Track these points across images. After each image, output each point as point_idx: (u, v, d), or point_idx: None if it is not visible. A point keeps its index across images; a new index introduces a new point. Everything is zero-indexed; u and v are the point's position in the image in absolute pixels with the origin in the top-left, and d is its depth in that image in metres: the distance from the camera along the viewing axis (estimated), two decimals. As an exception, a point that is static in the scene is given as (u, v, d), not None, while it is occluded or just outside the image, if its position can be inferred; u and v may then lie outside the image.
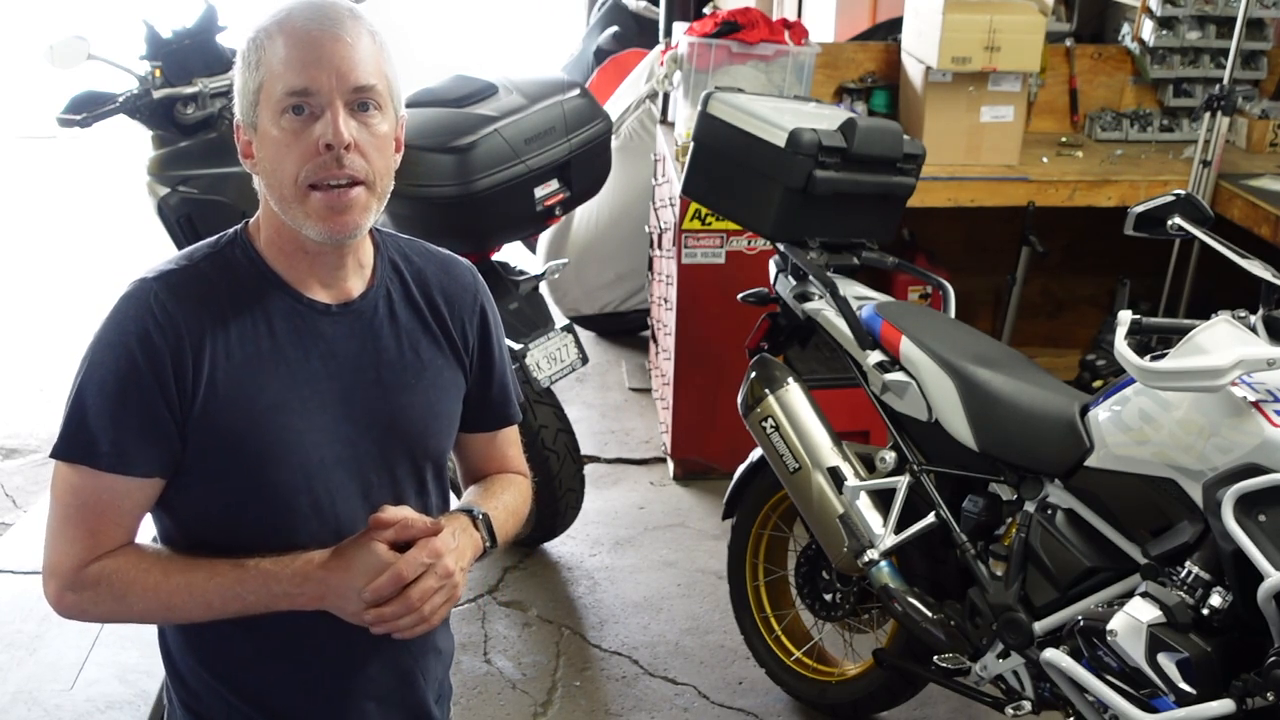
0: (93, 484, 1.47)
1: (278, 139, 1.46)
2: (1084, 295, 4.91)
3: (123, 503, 1.49)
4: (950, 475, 2.62)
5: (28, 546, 3.82)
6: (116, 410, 1.45)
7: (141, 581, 1.49)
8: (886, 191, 2.94)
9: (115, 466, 1.46)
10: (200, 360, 1.46)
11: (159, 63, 3.60)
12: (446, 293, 1.66)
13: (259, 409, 1.49)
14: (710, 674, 3.33)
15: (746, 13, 4.20)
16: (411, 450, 1.63)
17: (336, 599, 1.49)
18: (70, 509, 1.49)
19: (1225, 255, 2.37)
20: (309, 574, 1.48)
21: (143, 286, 1.49)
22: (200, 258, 1.53)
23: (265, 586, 1.48)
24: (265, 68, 1.46)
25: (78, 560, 1.49)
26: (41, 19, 9.59)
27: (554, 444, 3.50)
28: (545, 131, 3.40)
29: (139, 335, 1.45)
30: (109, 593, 1.49)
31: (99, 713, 3.05)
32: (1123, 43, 4.74)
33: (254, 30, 1.50)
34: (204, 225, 3.62)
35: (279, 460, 1.51)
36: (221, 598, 1.48)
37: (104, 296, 1.53)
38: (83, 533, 1.49)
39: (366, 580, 1.46)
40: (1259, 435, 2.05)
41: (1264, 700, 2.01)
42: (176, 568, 1.50)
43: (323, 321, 1.54)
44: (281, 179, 1.47)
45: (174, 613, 1.52)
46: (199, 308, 1.48)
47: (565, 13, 9.09)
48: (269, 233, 1.54)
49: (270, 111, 1.46)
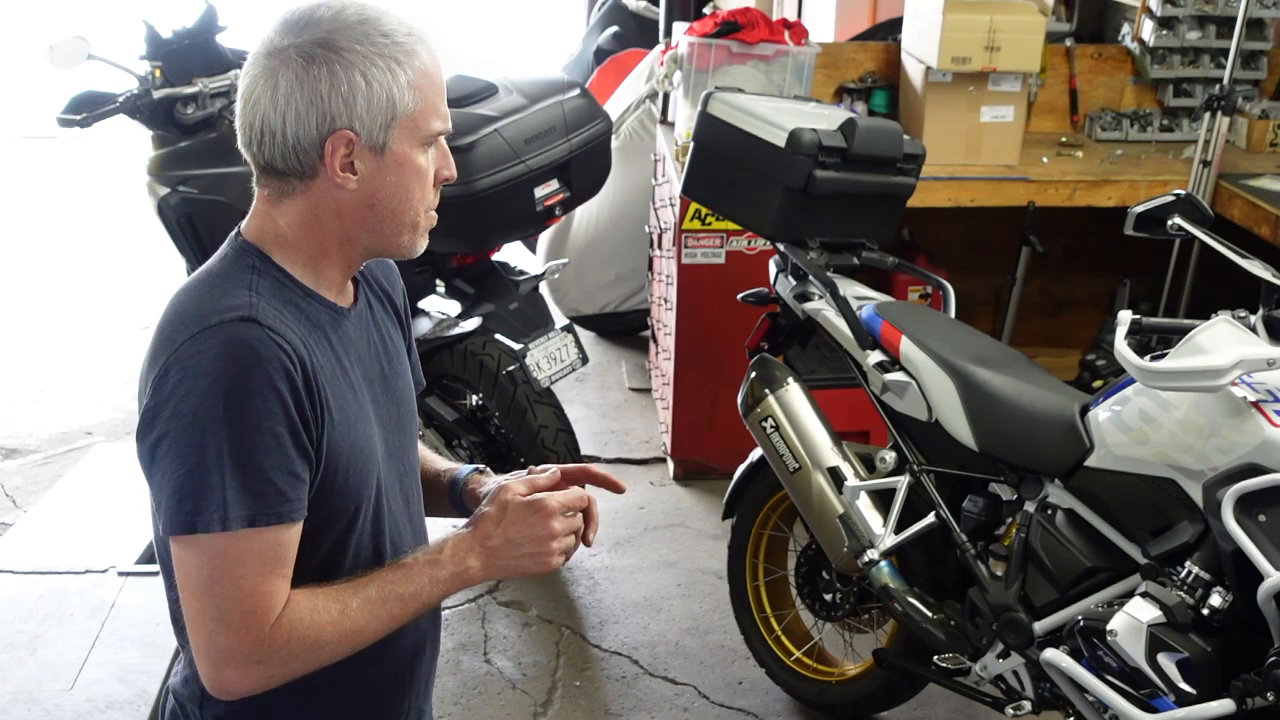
0: (258, 544, 1.39)
1: (421, 168, 1.48)
2: (1084, 295, 4.91)
3: (287, 553, 1.42)
4: (950, 475, 2.62)
5: (28, 546, 3.82)
6: (275, 457, 1.38)
7: (326, 621, 1.43)
8: (886, 191, 2.95)
9: (286, 515, 1.40)
10: (321, 385, 1.44)
11: (159, 63, 3.60)
12: (384, 273, 1.69)
13: (350, 423, 1.48)
14: (710, 674, 3.33)
15: (746, 13, 4.20)
16: (413, 430, 1.67)
17: (506, 558, 1.53)
18: (240, 580, 1.39)
19: (1225, 255, 2.37)
20: (462, 551, 1.50)
21: (250, 325, 1.39)
22: (256, 286, 1.45)
23: (429, 573, 1.49)
24: (421, 94, 1.44)
25: (258, 632, 1.40)
26: (41, 19, 9.59)
27: (554, 444, 3.49)
28: (545, 131, 3.40)
29: (280, 370, 1.38)
30: (302, 646, 1.42)
31: (99, 713, 3.05)
32: (1123, 43, 4.75)
33: (393, 48, 1.43)
34: (204, 225, 3.62)
35: (371, 470, 1.52)
36: (401, 603, 1.47)
37: (103, 297, 1.51)
38: (260, 600, 1.40)
39: (517, 529, 1.51)
40: (1259, 435, 2.05)
41: (1264, 700, 2.02)
42: (348, 594, 1.45)
43: (347, 325, 1.54)
44: (413, 204, 1.49)
45: (362, 636, 1.47)
46: (293, 334, 1.43)
47: (565, 13, 9.09)
48: (320, 248, 1.49)
49: (417, 140, 1.46)
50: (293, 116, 1.41)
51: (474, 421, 3.64)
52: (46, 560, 3.72)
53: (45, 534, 3.90)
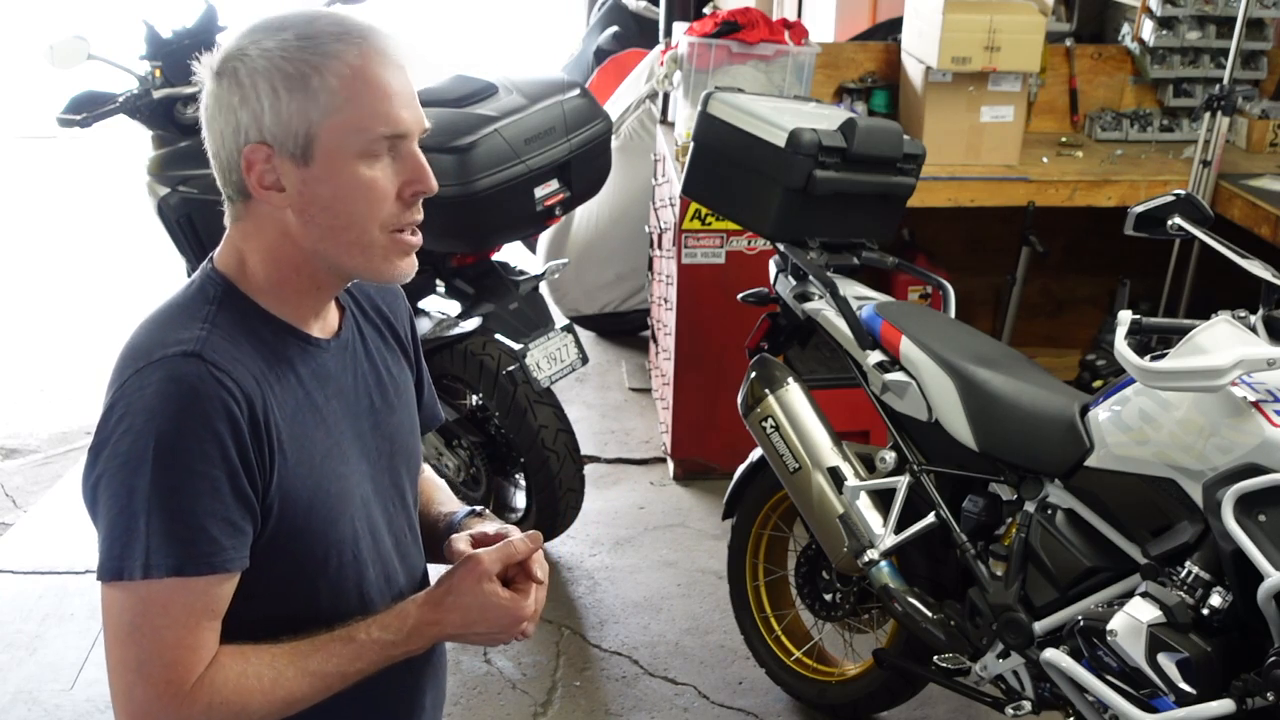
0: (184, 594, 1.31)
1: (365, 181, 1.34)
2: (1084, 295, 4.91)
3: (216, 605, 1.34)
4: (950, 475, 2.62)
5: (28, 546, 3.83)
6: (207, 503, 1.30)
7: (257, 687, 1.35)
8: (886, 191, 2.94)
9: (218, 565, 1.31)
10: (270, 425, 1.35)
11: (159, 63, 3.61)
12: (387, 302, 1.60)
13: (316, 464, 1.41)
14: (710, 674, 3.33)
15: (746, 13, 4.20)
16: (409, 468, 1.59)
17: (457, 639, 1.49)
18: (162, 631, 1.31)
19: (1225, 255, 2.37)
20: (423, 630, 1.45)
21: (192, 360, 1.31)
22: (211, 316, 1.37)
23: (382, 653, 1.43)
24: (344, 98, 1.32)
25: (177, 689, 1.32)
26: (41, 19, 9.59)
27: (554, 444, 3.50)
28: (545, 131, 3.40)
29: (220, 411, 1.30)
30: (225, 710, 1.33)
31: (99, 713, 3.05)
32: (1123, 43, 4.75)
33: (303, 51, 1.32)
34: (204, 225, 3.62)
35: (343, 512, 1.44)
36: (342, 676, 1.40)
37: (103, 297, 1.50)
38: (182, 653, 1.31)
39: (485, 621, 1.45)
40: (1259, 435, 2.05)
41: (1264, 700, 2.01)
42: (286, 659, 1.37)
43: (326, 358, 1.46)
44: (359, 222, 1.36)
45: (295, 706, 1.39)
46: (246, 369, 1.34)
47: (565, 13, 9.09)
48: (277, 273, 1.40)
49: (353, 149, 1.33)
50: (217, 135, 1.37)
51: (474, 421, 3.64)
52: (46, 560, 3.73)
53: (45, 534, 3.91)
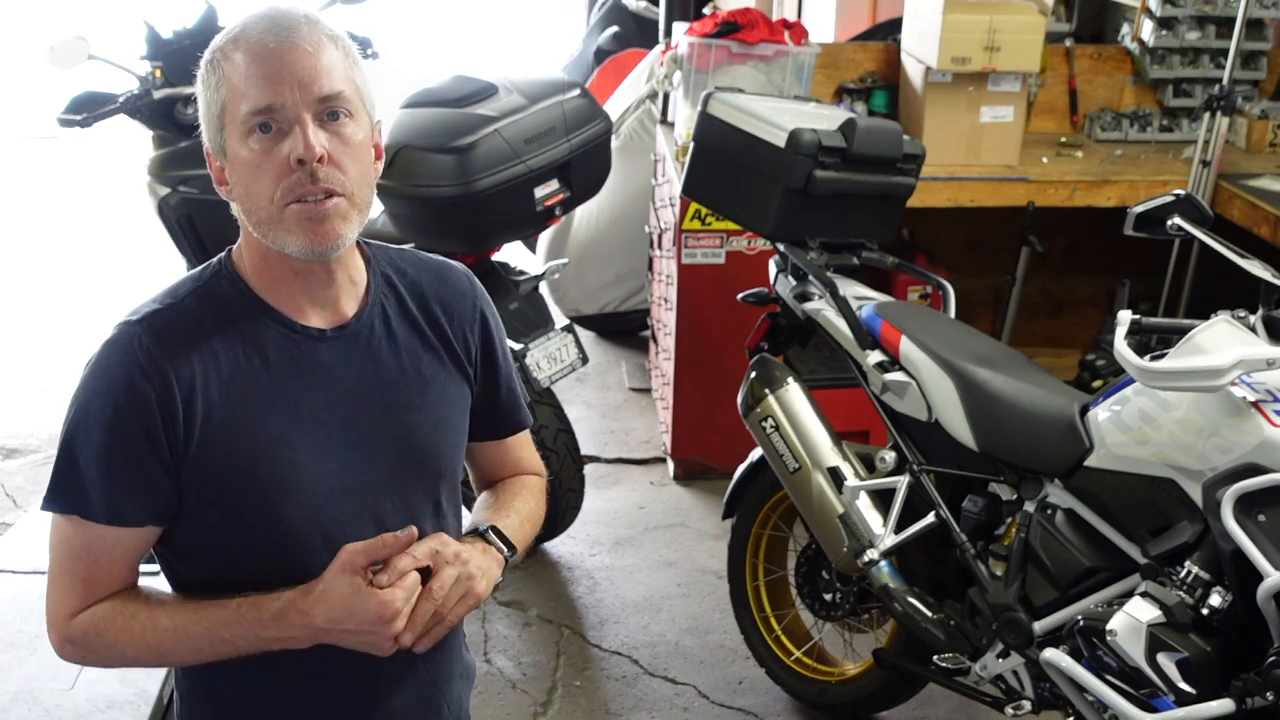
0: (84, 534, 1.46)
1: (248, 160, 1.41)
2: (1084, 295, 4.91)
3: (113, 551, 1.47)
4: (950, 475, 2.62)
5: (28, 546, 3.82)
6: (104, 461, 1.42)
7: (129, 628, 1.46)
8: (886, 191, 2.95)
9: (106, 517, 1.44)
10: (192, 402, 1.42)
11: (159, 63, 3.61)
12: (444, 302, 1.61)
13: (259, 445, 1.45)
14: (710, 674, 3.33)
15: (746, 13, 4.20)
16: (424, 470, 1.58)
17: (331, 638, 1.43)
18: (64, 559, 1.49)
19: (1225, 255, 2.37)
20: (289, 617, 1.42)
21: (126, 331, 1.44)
22: (185, 294, 1.48)
23: (251, 631, 1.43)
24: (226, 88, 1.41)
25: (71, 610, 1.48)
26: (41, 19, 9.59)
27: (554, 444, 3.50)
28: (545, 131, 3.40)
29: (124, 383, 1.41)
30: (100, 641, 1.48)
31: (99, 713, 3.05)
32: (1123, 43, 4.74)
33: (210, 50, 1.44)
34: (204, 225, 3.63)
35: (286, 495, 1.46)
36: (210, 641, 1.45)
37: (103, 297, 1.53)
38: (76, 582, 1.48)
39: (351, 617, 1.40)
40: (1259, 435, 2.05)
41: (1264, 700, 2.02)
42: (164, 612, 1.47)
43: (319, 348, 1.49)
44: (258, 201, 1.42)
45: (165, 658, 1.50)
46: (187, 348, 1.43)
47: (565, 13, 9.09)
48: (254, 259, 1.49)
49: (237, 133, 1.41)
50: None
51: (474, 421, 3.64)
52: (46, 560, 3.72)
53: (45, 534, 3.90)
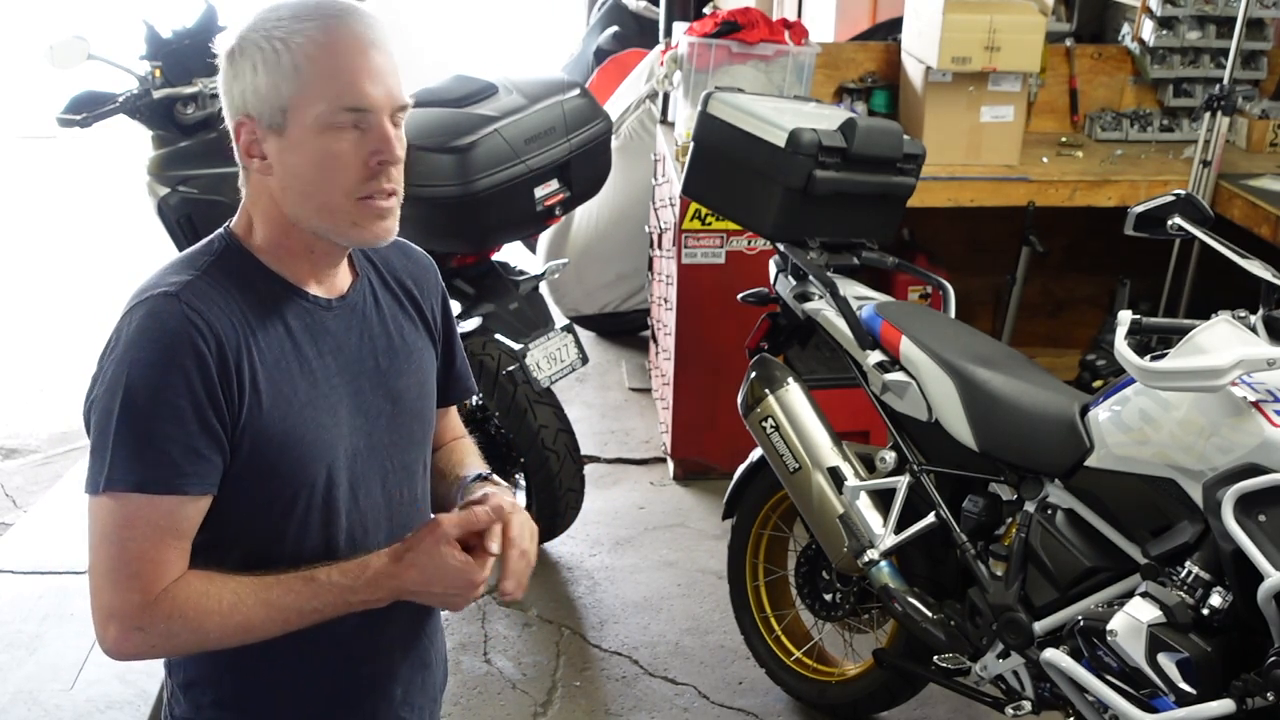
0: (149, 511, 1.43)
1: (328, 150, 1.45)
2: (1084, 295, 4.91)
3: (180, 525, 1.46)
4: (950, 475, 2.62)
5: (28, 546, 3.83)
6: (170, 428, 1.42)
7: (215, 607, 1.46)
8: (886, 191, 2.95)
9: (175, 487, 1.43)
10: (241, 367, 1.46)
11: (159, 63, 3.61)
12: (413, 275, 1.71)
13: (295, 410, 1.50)
14: (710, 674, 3.33)
15: (746, 13, 4.20)
16: (414, 432, 1.67)
17: (415, 597, 1.52)
18: (125, 543, 1.44)
19: (1225, 255, 2.37)
20: (380, 582, 1.50)
21: (170, 298, 1.45)
22: (206, 266, 1.51)
23: (340, 597, 1.49)
24: (308, 74, 1.44)
25: (142, 596, 1.44)
26: (41, 19, 9.58)
27: (554, 444, 3.50)
28: (545, 131, 3.40)
29: (185, 346, 1.42)
30: (183, 623, 1.45)
31: (99, 713, 3.05)
32: (1123, 43, 4.74)
33: (277, 29, 1.45)
34: (204, 225, 3.62)
35: (318, 459, 1.52)
36: (299, 612, 1.48)
37: (103, 297, 1.53)
38: (144, 566, 1.44)
39: (441, 581, 1.49)
40: (1259, 435, 2.05)
41: (1264, 700, 2.01)
42: (248, 588, 1.47)
43: (327, 317, 1.57)
44: (328, 190, 1.47)
45: (252, 633, 1.49)
46: (227, 314, 1.47)
47: (565, 13, 9.09)
48: (272, 234, 1.53)
49: (315, 122, 1.45)
50: (223, 109, 1.52)
51: (474, 421, 3.64)
52: (46, 560, 3.72)
53: (45, 534, 3.91)
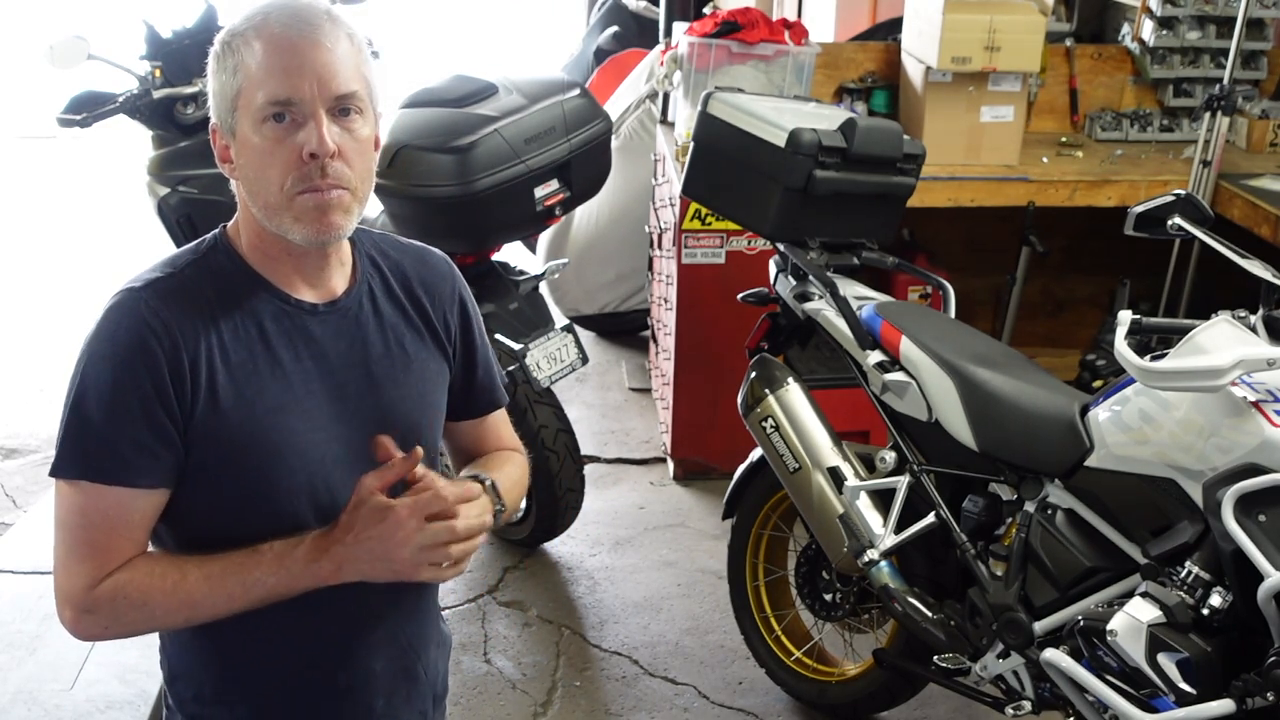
0: (97, 500, 1.46)
1: (260, 147, 1.46)
2: (1084, 295, 4.91)
3: (130, 516, 1.48)
4: (950, 475, 2.62)
5: (28, 546, 3.82)
6: (118, 422, 1.44)
7: (159, 585, 1.47)
8: (886, 191, 2.95)
9: (120, 479, 1.45)
10: (198, 366, 1.46)
11: (159, 63, 3.61)
12: (425, 284, 1.68)
13: (260, 413, 1.49)
14: (710, 674, 3.33)
15: (746, 13, 4.20)
16: (405, 444, 1.62)
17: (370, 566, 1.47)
18: (77, 528, 1.48)
19: (1225, 255, 2.37)
20: (320, 546, 1.47)
21: (132, 295, 1.47)
22: (184, 264, 1.53)
23: (283, 567, 1.47)
24: (244, 74, 1.46)
25: (89, 580, 1.47)
26: (41, 19, 9.59)
27: (554, 444, 3.50)
28: (545, 131, 3.40)
29: (136, 343, 1.44)
30: (127, 604, 1.47)
31: (99, 713, 3.05)
32: (1123, 43, 4.74)
33: (228, 34, 1.49)
34: (204, 225, 3.62)
35: (283, 463, 1.51)
36: (242, 585, 1.47)
37: (103, 297, 1.52)
38: (93, 551, 1.47)
39: (379, 536, 1.45)
40: (1259, 435, 2.05)
41: (1264, 700, 2.02)
42: (192, 565, 1.48)
43: (311, 322, 1.55)
44: (266, 187, 1.47)
45: (198, 610, 1.49)
46: (191, 314, 1.47)
47: (565, 13, 9.09)
48: (251, 236, 1.54)
49: (250, 119, 1.46)
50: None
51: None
52: (46, 560, 3.71)
53: (45, 534, 3.90)
